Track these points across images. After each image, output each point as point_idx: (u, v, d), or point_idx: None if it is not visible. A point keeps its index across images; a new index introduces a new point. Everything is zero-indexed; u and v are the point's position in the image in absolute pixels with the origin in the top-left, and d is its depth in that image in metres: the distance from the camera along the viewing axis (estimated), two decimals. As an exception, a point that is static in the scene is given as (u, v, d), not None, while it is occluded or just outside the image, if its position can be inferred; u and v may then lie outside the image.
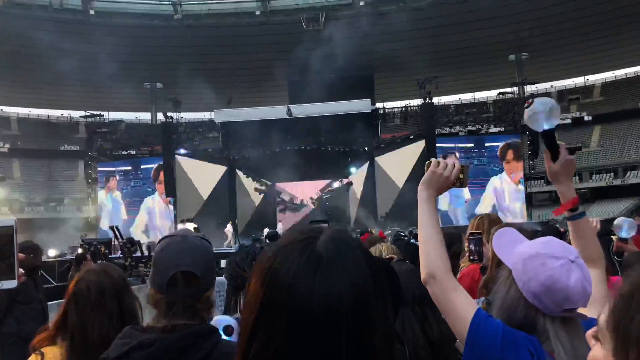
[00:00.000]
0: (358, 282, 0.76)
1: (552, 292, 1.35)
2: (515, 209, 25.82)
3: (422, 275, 1.53)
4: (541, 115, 1.63)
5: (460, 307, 1.45)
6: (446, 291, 1.48)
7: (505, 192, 26.07)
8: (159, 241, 1.59)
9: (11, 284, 1.36)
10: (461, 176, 1.63)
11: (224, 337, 1.56)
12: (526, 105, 1.65)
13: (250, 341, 0.76)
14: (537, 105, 1.64)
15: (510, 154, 26.33)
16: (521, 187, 26.25)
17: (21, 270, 1.40)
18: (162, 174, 27.01)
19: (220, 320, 1.74)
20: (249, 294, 0.79)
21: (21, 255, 1.41)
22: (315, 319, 0.73)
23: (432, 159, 1.65)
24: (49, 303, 5.47)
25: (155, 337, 1.40)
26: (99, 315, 1.94)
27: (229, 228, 23.36)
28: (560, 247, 1.42)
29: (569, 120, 36.80)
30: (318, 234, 0.81)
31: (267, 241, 12.96)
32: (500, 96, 32.19)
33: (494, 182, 25.96)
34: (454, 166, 1.62)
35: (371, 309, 0.76)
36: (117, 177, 28.96)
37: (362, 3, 32.18)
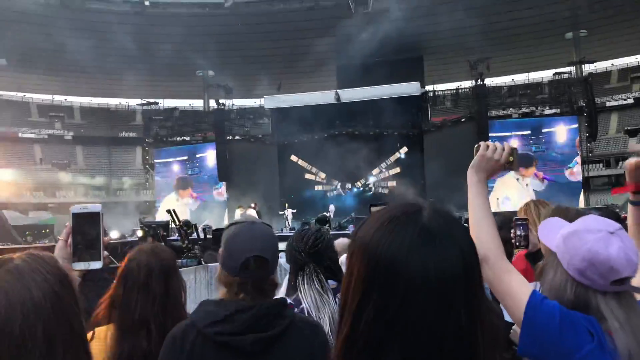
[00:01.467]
0: (466, 250, 0.82)
1: (595, 265, 1.33)
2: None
3: None
4: None
5: (516, 289, 1.42)
6: (500, 274, 1.45)
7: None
8: (227, 227, 1.74)
9: (97, 264, 1.47)
10: (511, 159, 1.61)
11: None
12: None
13: (360, 312, 0.81)
14: None
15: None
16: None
17: (105, 252, 1.51)
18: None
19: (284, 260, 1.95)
20: (350, 270, 0.84)
21: (106, 238, 1.52)
22: (431, 289, 0.77)
23: (481, 142, 1.64)
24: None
25: (250, 304, 1.58)
26: (144, 296, 1.98)
27: (287, 212, 23.64)
28: (598, 221, 1.41)
29: (631, 100, 35.03)
30: (419, 208, 0.84)
31: (317, 224, 13.21)
32: (556, 76, 30.97)
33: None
34: (504, 149, 1.59)
35: (477, 274, 0.83)
36: (193, 185, 29.35)
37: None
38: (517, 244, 2.86)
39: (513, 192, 24.07)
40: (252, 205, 22.84)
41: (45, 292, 1.01)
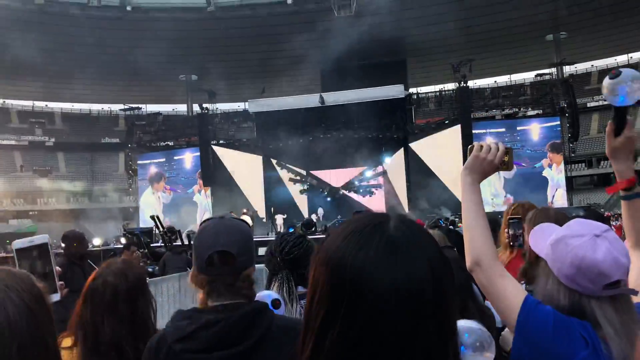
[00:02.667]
0: (434, 262, 0.77)
1: (583, 271, 1.29)
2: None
3: (468, 263, 1.48)
4: (623, 87, 1.52)
5: (509, 293, 1.39)
6: (493, 278, 1.42)
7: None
8: (201, 224, 1.68)
9: (55, 297, 1.38)
10: (506, 159, 1.57)
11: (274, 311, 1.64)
12: (611, 75, 1.55)
13: (324, 331, 0.76)
14: (624, 75, 1.54)
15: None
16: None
17: (62, 283, 1.44)
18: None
19: (265, 295, 1.86)
20: (314, 284, 0.79)
21: (58, 269, 1.45)
22: (399, 300, 0.73)
23: (475, 143, 1.59)
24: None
25: (218, 316, 1.49)
26: (111, 318, 1.92)
27: (278, 217, 23.46)
28: (583, 224, 1.37)
29: (611, 101, 35.60)
30: (386, 218, 0.81)
31: (303, 229, 13.13)
32: (538, 78, 31.36)
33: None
34: (498, 149, 1.55)
35: (447, 287, 0.78)
36: (165, 178, 29.75)
37: (393, -13, 31.77)
38: (512, 243, 2.81)
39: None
40: (245, 210, 22.83)
41: (20, 309, 0.96)
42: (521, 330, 1.32)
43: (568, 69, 37.26)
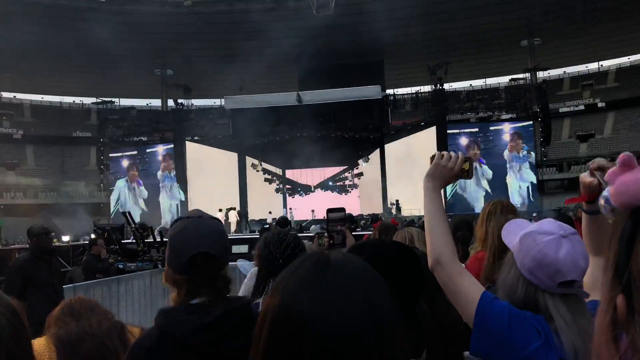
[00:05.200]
0: (377, 302, 0.77)
1: (543, 266, 1.39)
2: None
3: (429, 262, 1.58)
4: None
5: (467, 290, 1.49)
6: (452, 276, 1.52)
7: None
8: (173, 223, 1.66)
9: None
10: (466, 167, 1.68)
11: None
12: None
13: (268, 351, 0.77)
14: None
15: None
16: None
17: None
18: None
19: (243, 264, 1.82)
20: (261, 316, 0.80)
21: None
22: (339, 346, 0.72)
23: (437, 152, 1.71)
24: (63, 287, 5.60)
25: (224, 309, 1.52)
26: None
27: (232, 216, 23.56)
28: (552, 224, 1.46)
29: (582, 107, 36.38)
30: (328, 259, 0.80)
31: (278, 227, 13.05)
32: (512, 82, 31.89)
33: None
34: (458, 158, 1.67)
35: (390, 326, 0.77)
36: (138, 168, 29.50)
37: (372, -12, 31.88)
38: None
39: None
40: (233, 208, 22.82)
41: (3, 323, 1.04)
42: (479, 324, 1.41)
43: (541, 75, 37.98)
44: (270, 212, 24.13)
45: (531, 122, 26.73)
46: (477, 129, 27.39)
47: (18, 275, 5.12)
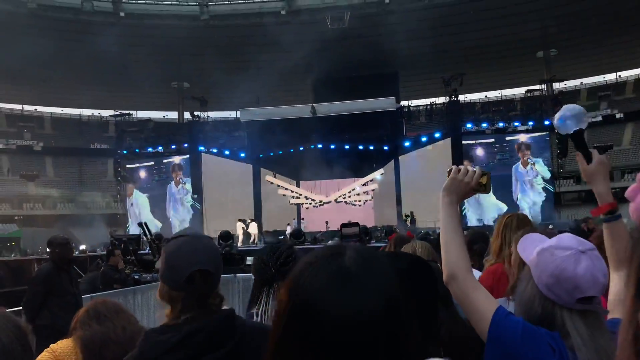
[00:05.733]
0: (387, 290, 0.78)
1: (561, 282, 1.38)
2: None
3: (444, 277, 1.59)
4: (570, 119, 1.69)
5: (481, 305, 1.48)
6: (467, 291, 1.52)
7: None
8: (170, 240, 1.69)
9: None
10: (484, 181, 1.67)
11: None
12: (556, 110, 1.71)
13: (282, 355, 0.79)
14: (565, 110, 1.71)
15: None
16: None
17: None
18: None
19: None
20: (278, 310, 0.82)
21: None
22: (348, 332, 0.74)
23: (453, 166, 1.71)
24: (82, 297, 5.68)
25: (198, 323, 1.52)
26: None
27: (253, 227, 23.60)
28: (571, 239, 1.45)
29: (599, 118, 35.96)
30: (344, 249, 0.83)
31: (292, 239, 13.06)
32: (528, 93, 31.71)
33: None
34: (475, 172, 1.67)
35: (402, 320, 0.79)
36: (143, 174, 29.77)
37: (387, 1, 32.02)
38: None
39: None
40: (253, 219, 22.94)
41: (11, 339, 1.13)
42: (492, 339, 1.40)
43: (558, 86, 37.70)
44: (288, 224, 24.25)
45: (547, 133, 26.48)
46: (492, 140, 27.08)
47: (41, 286, 5.22)
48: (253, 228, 23.40)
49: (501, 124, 27.25)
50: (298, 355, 0.76)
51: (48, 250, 5.64)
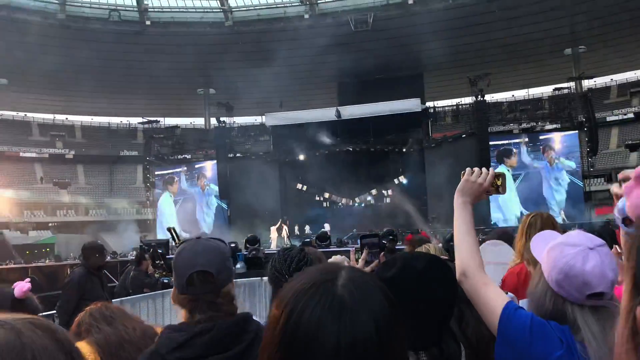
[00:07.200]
0: (380, 319, 0.78)
1: (570, 278, 1.40)
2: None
3: (457, 275, 1.62)
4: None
5: (491, 300, 1.52)
6: (477, 287, 1.56)
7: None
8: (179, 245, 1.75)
9: None
10: (498, 182, 1.70)
11: None
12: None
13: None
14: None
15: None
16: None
17: None
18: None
19: None
20: (269, 323, 0.82)
21: None
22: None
23: (467, 168, 1.74)
24: (112, 301, 5.82)
25: (209, 325, 1.56)
26: None
27: (284, 230, 23.61)
28: (581, 236, 1.47)
29: (631, 115, 35.05)
30: (335, 275, 0.82)
31: (317, 241, 13.09)
32: (556, 92, 31.07)
33: None
34: (489, 174, 1.70)
35: (393, 346, 0.79)
36: (177, 180, 30.24)
37: (410, 2, 31.86)
38: None
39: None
40: (283, 222, 23.08)
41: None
42: (502, 333, 1.44)
43: (587, 83, 36.85)
44: (323, 227, 24.19)
45: (577, 132, 25.94)
46: (526, 139, 26.60)
47: (75, 291, 5.36)
48: (284, 231, 23.47)
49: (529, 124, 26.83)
50: None
51: (82, 255, 5.78)
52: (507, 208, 25.32)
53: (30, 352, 0.76)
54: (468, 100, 29.22)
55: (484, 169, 1.73)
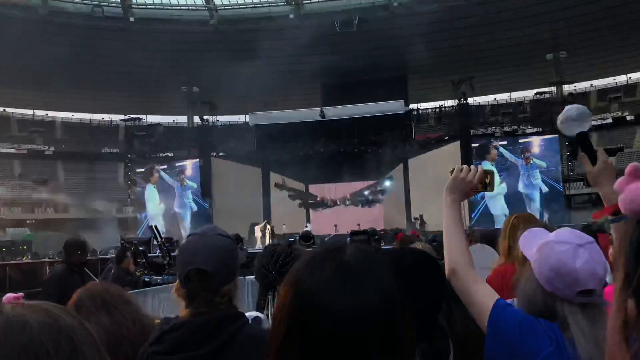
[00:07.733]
0: (385, 286, 0.81)
1: (561, 275, 1.40)
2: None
3: (446, 272, 1.64)
4: (573, 120, 1.72)
5: (481, 298, 1.53)
6: (467, 284, 1.57)
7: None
8: (188, 236, 1.75)
9: None
10: (487, 180, 1.71)
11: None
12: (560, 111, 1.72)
13: (284, 349, 0.80)
14: (568, 111, 1.74)
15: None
16: None
17: None
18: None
19: (248, 315, 1.85)
20: (279, 305, 0.84)
21: None
22: (348, 326, 0.77)
23: (456, 166, 1.75)
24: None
25: (184, 320, 1.57)
26: None
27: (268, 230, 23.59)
28: (570, 234, 1.48)
29: (609, 120, 35.67)
30: (344, 246, 0.86)
31: (301, 241, 13.06)
32: (538, 96, 31.53)
33: None
34: (477, 171, 1.71)
35: (398, 314, 0.81)
36: (156, 170, 30.12)
37: (395, 4, 32.02)
38: None
39: None
40: (268, 222, 22.98)
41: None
42: (492, 330, 1.45)
43: (567, 88, 37.43)
44: (306, 226, 24.20)
45: (557, 136, 26.35)
46: (505, 142, 27.08)
47: (55, 287, 5.28)
48: (267, 231, 23.40)
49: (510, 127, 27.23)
50: (299, 348, 0.79)
51: (63, 252, 5.70)
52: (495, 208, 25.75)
53: (66, 331, 0.80)
54: (451, 102, 29.49)
55: (472, 167, 1.74)
